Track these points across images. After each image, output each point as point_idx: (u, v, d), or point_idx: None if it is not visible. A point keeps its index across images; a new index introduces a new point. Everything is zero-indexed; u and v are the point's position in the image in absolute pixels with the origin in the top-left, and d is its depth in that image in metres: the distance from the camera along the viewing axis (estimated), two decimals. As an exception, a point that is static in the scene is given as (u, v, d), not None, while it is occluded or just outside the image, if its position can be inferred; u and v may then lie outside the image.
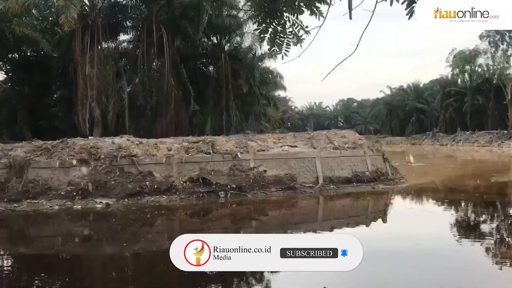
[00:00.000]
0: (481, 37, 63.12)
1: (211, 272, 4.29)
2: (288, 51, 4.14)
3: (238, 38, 31.69)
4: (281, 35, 4.02)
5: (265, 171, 14.28)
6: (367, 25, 3.78)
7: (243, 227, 10.62)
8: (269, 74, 34.98)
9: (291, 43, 4.07)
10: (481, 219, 11.32)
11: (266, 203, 12.88)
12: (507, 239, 8.82)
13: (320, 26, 3.81)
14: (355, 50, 3.93)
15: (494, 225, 10.40)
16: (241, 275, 6.84)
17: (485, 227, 10.15)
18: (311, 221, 11.35)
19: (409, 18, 3.77)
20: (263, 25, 3.98)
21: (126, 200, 12.62)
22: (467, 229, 9.87)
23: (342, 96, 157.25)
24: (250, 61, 31.80)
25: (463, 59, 66.00)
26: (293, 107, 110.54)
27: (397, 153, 42.73)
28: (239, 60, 31.92)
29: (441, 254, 7.66)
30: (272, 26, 3.97)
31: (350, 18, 3.72)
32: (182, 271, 7.12)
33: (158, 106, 27.20)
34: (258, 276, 6.79)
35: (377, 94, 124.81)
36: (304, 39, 4.01)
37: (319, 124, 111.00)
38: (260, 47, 30.72)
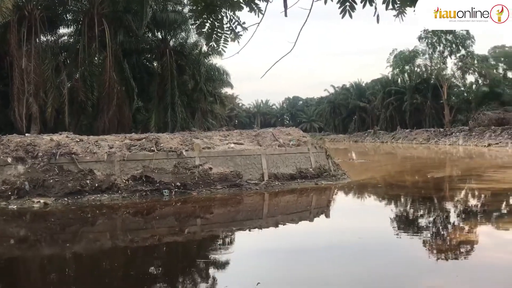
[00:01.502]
0: (419, 38, 65.91)
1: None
2: (226, 47, 4.12)
3: (183, 34, 31.34)
4: (218, 30, 3.99)
5: (210, 168, 14.21)
6: (304, 24, 3.83)
7: (188, 225, 10.52)
8: (215, 71, 34.85)
9: (229, 39, 4.05)
10: (419, 213, 11.82)
11: (211, 200, 12.82)
12: (443, 232, 9.23)
13: (259, 23, 3.82)
14: (292, 48, 3.97)
15: (431, 219, 10.88)
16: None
17: (422, 221, 10.59)
18: (257, 218, 11.40)
19: (342, 17, 3.84)
20: (200, 19, 3.94)
21: (66, 199, 12.15)
22: (406, 223, 10.27)
23: (288, 94, 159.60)
24: (196, 58, 31.54)
25: (403, 59, 68.70)
26: (240, 104, 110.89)
27: (340, 150, 43.86)
28: (184, 56, 31.58)
29: (381, 248, 7.94)
30: (209, 21, 3.94)
31: (286, 15, 3.75)
32: (124, 271, 7.00)
33: (100, 102, 26.39)
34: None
35: (322, 93, 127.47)
36: (241, 35, 4.00)
37: (265, 122, 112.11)
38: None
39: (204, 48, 31.32)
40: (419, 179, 19.30)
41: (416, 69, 71.18)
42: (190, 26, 29.59)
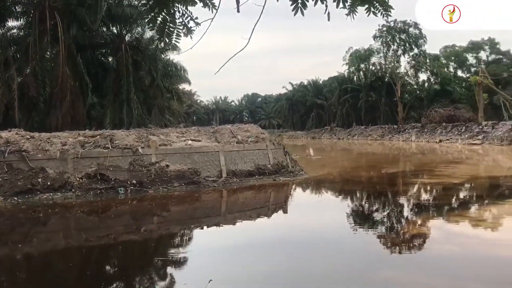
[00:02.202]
0: (374, 37, 67.54)
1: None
2: (178, 42, 4.07)
3: (139, 29, 30.79)
4: (170, 25, 3.93)
5: (167, 166, 14.01)
6: (257, 20, 3.83)
7: (145, 223, 10.33)
8: (172, 66, 34.44)
9: (182, 34, 4.00)
10: (374, 208, 12.11)
11: (168, 198, 12.65)
12: (397, 226, 9.49)
13: (212, 19, 3.78)
14: (246, 44, 3.96)
15: (385, 213, 11.16)
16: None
17: (377, 216, 10.86)
18: (215, 215, 11.34)
19: (294, 14, 3.86)
20: (152, 14, 3.87)
21: (16, 198, 11.68)
22: (361, 218, 10.49)
23: (247, 91, 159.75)
24: (153, 53, 31.06)
25: (358, 57, 70.18)
26: (198, 101, 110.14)
27: (298, 147, 44.32)
28: (140, 51, 31.03)
29: (338, 242, 8.07)
30: (161, 16, 3.87)
31: (238, 11, 3.73)
32: (79, 271, 6.79)
33: (53, 98, 25.52)
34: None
35: (280, 90, 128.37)
36: (194, 30, 3.96)
37: (224, 118, 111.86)
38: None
39: (161, 43, 30.88)
40: (374, 174, 19.78)
41: (371, 67, 72.94)
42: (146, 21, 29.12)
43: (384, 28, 65.95)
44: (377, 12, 4.52)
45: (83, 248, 8.34)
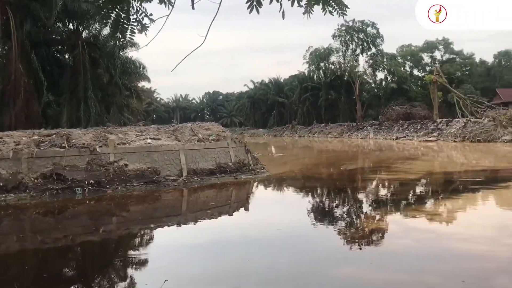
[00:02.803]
0: (333, 36, 68.57)
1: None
2: (132, 39, 3.98)
3: (97, 25, 29.99)
4: (124, 21, 3.84)
5: (126, 165, 13.75)
6: (214, 17, 3.79)
7: (103, 224, 10.09)
8: (131, 64, 33.77)
9: (136, 31, 3.91)
10: (334, 204, 12.29)
11: (127, 198, 12.41)
12: (356, 221, 9.65)
13: (168, 15, 3.71)
14: (203, 42, 3.92)
15: (345, 209, 11.34)
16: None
17: (337, 212, 11.00)
18: (175, 214, 11.20)
19: (250, 12, 3.85)
20: (105, 9, 3.76)
21: (-35, 200, 11.18)
22: (322, 214, 10.60)
23: (208, 89, 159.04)
24: (111, 50, 30.32)
25: (318, 56, 71.06)
26: (158, 99, 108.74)
27: (260, 145, 44.49)
28: (98, 48, 30.26)
29: (299, 238, 8.13)
30: (114, 12, 3.77)
31: (193, 8, 3.69)
32: (35, 274, 6.55)
33: (5, 95, 24.47)
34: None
35: (242, 88, 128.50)
36: (149, 27, 3.89)
37: (185, 117, 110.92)
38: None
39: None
40: (334, 171, 20.09)
41: (330, 66, 74.01)
42: (103, 17, 28.39)
43: (343, 28, 67.10)
44: (333, 11, 4.57)
45: (39, 251, 8.05)
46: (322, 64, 73.27)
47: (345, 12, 4.59)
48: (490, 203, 11.68)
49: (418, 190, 14.32)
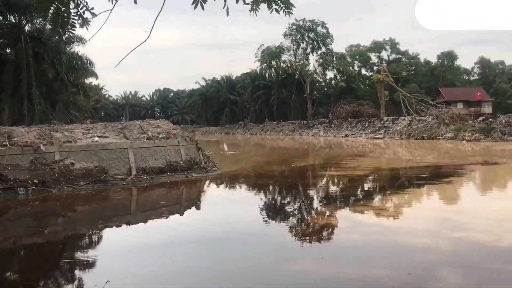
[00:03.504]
0: (285, 35, 69.24)
1: None
2: (72, 33, 3.83)
3: (41, 19, 28.73)
4: (64, 15, 3.68)
5: (72, 164, 13.27)
6: (158, 13, 3.71)
7: (49, 225, 9.68)
8: (78, 59, 32.61)
9: (77, 25, 3.77)
10: (286, 201, 12.39)
11: (74, 198, 11.98)
12: (307, 217, 9.76)
13: (111, 10, 3.59)
14: (148, 37, 3.82)
15: (296, 205, 11.46)
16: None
17: (289, 208, 11.11)
18: (124, 214, 10.92)
19: (194, 8, 3.80)
20: (44, 3, 3.59)
21: None
22: (274, 211, 10.66)
23: (159, 86, 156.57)
24: (56, 45, 29.14)
25: (270, 54, 71.55)
26: (107, 96, 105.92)
27: (212, 143, 44.30)
28: (42, 43, 29.02)
29: (252, 236, 8.13)
30: (54, 5, 3.61)
31: (135, 2, 3.60)
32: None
33: None
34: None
35: (193, 85, 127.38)
36: (90, 21, 3.75)
37: (135, 114, 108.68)
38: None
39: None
40: (286, 168, 20.29)
41: (282, 64, 74.72)
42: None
43: (294, 27, 67.88)
44: (279, 9, 4.59)
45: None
46: (273, 63, 73.87)
47: (291, 11, 4.62)
48: (433, 198, 12.15)
49: (366, 186, 14.69)
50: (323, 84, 77.26)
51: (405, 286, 5.28)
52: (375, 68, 75.47)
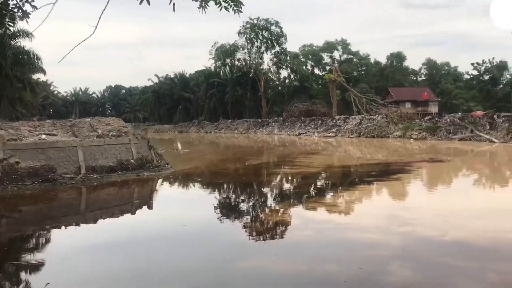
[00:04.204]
0: (239, 33, 69.20)
1: None
2: (12, 26, 3.65)
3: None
4: (2, 7, 3.50)
5: (17, 162, 12.70)
6: (104, 8, 3.59)
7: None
8: (24, 54, 31.31)
9: (17, 18, 3.60)
10: (240, 199, 12.38)
11: (19, 198, 11.46)
12: (261, 215, 9.78)
13: (54, 3, 3.44)
14: (93, 32, 3.69)
15: (250, 203, 11.47)
16: None
17: (243, 206, 11.10)
18: (73, 214, 10.55)
19: (140, 3, 3.72)
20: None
21: None
22: (228, 209, 10.62)
23: (110, 83, 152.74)
24: (0, 39, 27.85)
25: (224, 52, 71.31)
26: (56, 92, 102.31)
27: (165, 141, 43.68)
28: (-16, 36, 27.65)
29: (205, 234, 8.07)
30: None
31: None
32: None
33: None
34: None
35: (146, 82, 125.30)
36: (30, 14, 3.59)
37: (85, 111, 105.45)
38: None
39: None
40: (240, 166, 20.30)
41: (236, 62, 74.65)
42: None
43: (248, 25, 67.96)
44: (228, 7, 4.57)
45: None
46: (228, 61, 73.69)
47: (240, 9, 4.61)
48: (383, 194, 12.51)
49: (318, 183, 14.93)
50: (277, 83, 77.85)
51: (356, 281, 5.39)
52: (327, 67, 76.79)
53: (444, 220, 8.46)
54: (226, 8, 4.52)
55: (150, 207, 11.05)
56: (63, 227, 9.04)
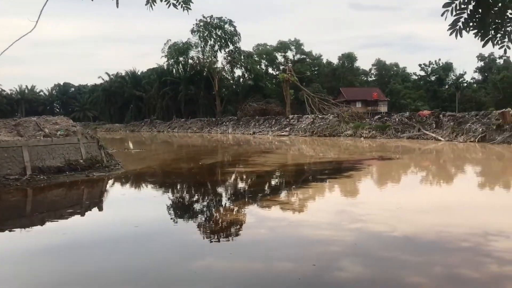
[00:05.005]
0: (192, 31, 68.65)
1: None
2: None
3: None
4: None
5: (-44, 163, 12.00)
6: (45, 3, 3.43)
7: None
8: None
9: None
10: (194, 198, 12.23)
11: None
12: (216, 214, 9.70)
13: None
14: (34, 27, 3.51)
15: (205, 203, 11.35)
16: None
17: (197, 206, 10.96)
18: (18, 217, 10.07)
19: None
20: None
21: None
22: (182, 209, 10.46)
23: (58, 80, 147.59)
24: None
25: (177, 50, 70.56)
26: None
27: (116, 140, 42.69)
28: None
29: (158, 235, 7.91)
30: None
31: None
32: None
33: None
34: None
35: (96, 80, 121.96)
36: None
37: (32, 110, 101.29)
38: None
39: None
40: (194, 166, 20.10)
41: (190, 60, 74.09)
42: None
43: (202, 23, 67.53)
44: (177, 4, 4.49)
45: None
46: (181, 59, 73.01)
47: (188, 6, 4.54)
48: (335, 191, 12.72)
49: (273, 181, 15.01)
50: (231, 81, 77.85)
51: (310, 278, 5.43)
52: (281, 67, 77.51)
53: (393, 215, 8.70)
54: (174, 5, 4.44)
55: (100, 209, 10.71)
56: (7, 231, 8.61)
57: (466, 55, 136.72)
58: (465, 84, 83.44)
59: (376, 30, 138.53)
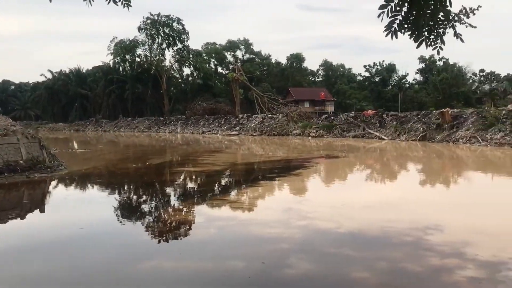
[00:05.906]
0: (139, 29, 67.34)
1: None
2: None
3: None
4: None
5: None
6: None
7: None
8: None
9: None
10: (142, 199, 11.98)
11: None
12: (164, 215, 9.55)
13: None
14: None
15: (153, 203, 11.14)
16: None
17: (145, 206, 10.75)
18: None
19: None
20: None
21: None
22: (129, 210, 10.23)
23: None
24: None
25: (124, 48, 69.01)
26: None
27: (60, 140, 41.20)
28: None
29: (104, 236, 7.71)
30: None
31: None
32: None
33: None
34: None
35: (38, 78, 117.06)
36: None
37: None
38: None
39: None
40: (141, 166, 19.70)
41: (137, 58, 72.63)
42: None
43: (149, 21, 66.37)
44: (117, 0, 4.40)
45: None
46: (128, 56, 71.46)
47: (129, 2, 4.45)
48: (284, 189, 12.87)
49: (222, 181, 14.98)
50: (180, 80, 77.03)
51: (260, 276, 5.46)
52: (230, 66, 77.54)
53: (339, 212, 8.92)
54: (115, 2, 4.33)
55: (42, 211, 10.29)
56: None
57: (409, 57, 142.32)
58: (408, 85, 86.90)
59: (324, 31, 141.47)
